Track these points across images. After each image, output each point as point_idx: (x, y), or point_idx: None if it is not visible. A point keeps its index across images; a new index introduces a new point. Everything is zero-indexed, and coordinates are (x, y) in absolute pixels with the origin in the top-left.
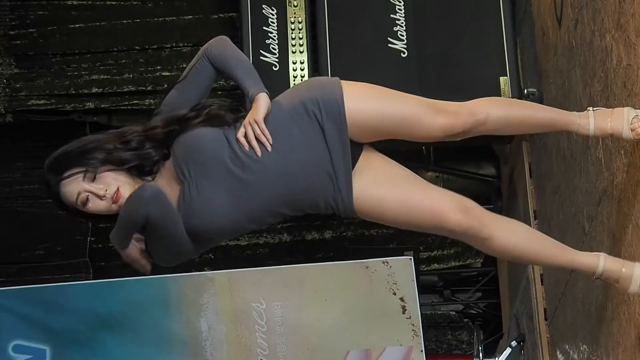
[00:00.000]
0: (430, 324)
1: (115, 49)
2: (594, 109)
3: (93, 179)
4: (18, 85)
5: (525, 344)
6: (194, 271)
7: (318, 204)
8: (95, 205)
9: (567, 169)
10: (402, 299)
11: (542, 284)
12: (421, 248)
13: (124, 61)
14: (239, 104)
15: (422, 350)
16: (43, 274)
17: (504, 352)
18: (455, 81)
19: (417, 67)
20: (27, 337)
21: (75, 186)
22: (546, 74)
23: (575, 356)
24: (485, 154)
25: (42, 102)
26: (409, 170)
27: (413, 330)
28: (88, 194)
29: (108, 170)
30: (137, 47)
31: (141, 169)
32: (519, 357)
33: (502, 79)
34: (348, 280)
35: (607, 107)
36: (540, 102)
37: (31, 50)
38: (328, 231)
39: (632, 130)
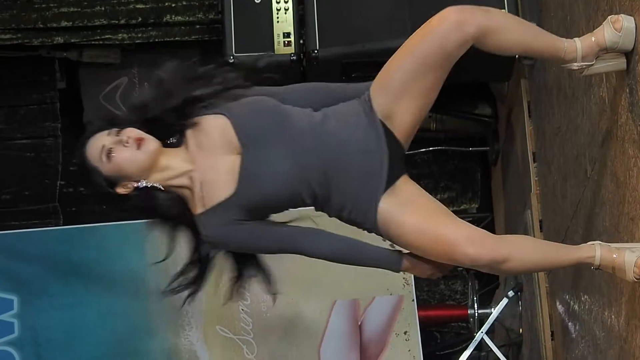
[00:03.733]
0: None
1: None
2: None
3: (117, 134)
4: None
5: (522, 294)
6: None
7: (348, 194)
8: (120, 154)
9: (568, 109)
10: (392, 245)
11: (541, 231)
12: None
13: None
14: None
15: (413, 300)
16: (10, 220)
17: (500, 303)
18: None
19: None
20: None
21: (99, 141)
22: (547, 7)
23: (576, 307)
24: (481, 93)
25: (7, 36)
26: (438, 203)
27: (404, 278)
28: (112, 145)
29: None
30: None
31: (168, 137)
32: (516, 308)
33: None
34: (335, 225)
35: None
36: None
37: None
38: None
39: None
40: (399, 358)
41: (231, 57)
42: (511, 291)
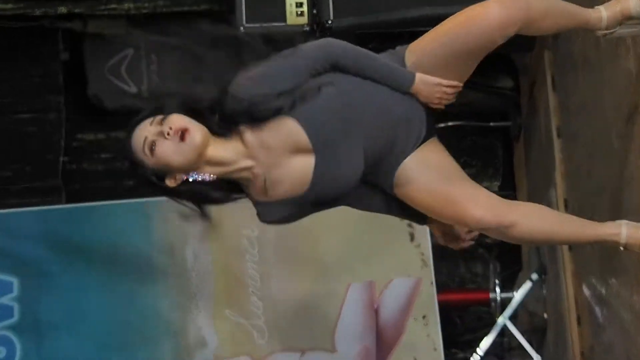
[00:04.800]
0: (441, 255)
1: None
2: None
3: (161, 123)
4: None
5: (547, 277)
6: None
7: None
8: (162, 148)
9: (594, 82)
10: (409, 225)
11: (566, 210)
12: None
13: None
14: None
15: (432, 282)
16: (10, 198)
17: (524, 286)
18: None
19: None
20: None
21: (142, 132)
22: None
23: (603, 290)
24: (502, 64)
25: (8, 6)
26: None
27: (422, 259)
28: (155, 137)
29: (179, 114)
30: None
31: (218, 127)
32: (540, 292)
33: None
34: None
35: None
36: None
37: None
38: None
39: None
40: (418, 343)
41: (242, 27)
42: (535, 274)
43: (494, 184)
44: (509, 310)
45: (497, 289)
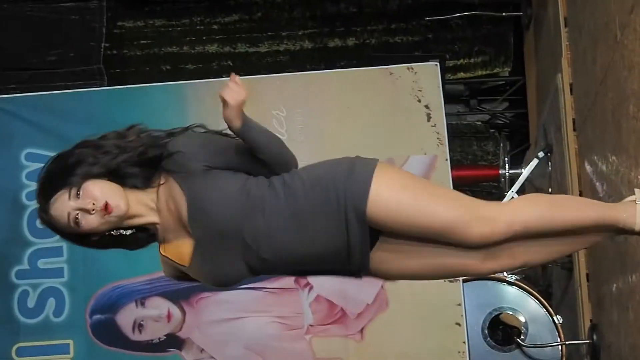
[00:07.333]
0: (455, 135)
1: None
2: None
3: (77, 195)
4: None
5: (552, 155)
6: None
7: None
8: (88, 222)
9: None
10: (427, 107)
11: (571, 94)
12: (447, 56)
13: None
14: None
15: (447, 159)
16: (55, 80)
17: (531, 163)
18: None
19: None
20: (40, 145)
21: (62, 207)
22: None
23: (604, 167)
24: None
25: None
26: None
27: (438, 138)
28: (77, 211)
29: (92, 184)
30: None
31: (127, 181)
32: (546, 169)
33: None
34: (371, 87)
35: None
36: None
37: None
38: (351, 38)
39: None
40: None
41: None
42: (541, 152)
43: (505, 70)
44: (516, 185)
45: (507, 166)
